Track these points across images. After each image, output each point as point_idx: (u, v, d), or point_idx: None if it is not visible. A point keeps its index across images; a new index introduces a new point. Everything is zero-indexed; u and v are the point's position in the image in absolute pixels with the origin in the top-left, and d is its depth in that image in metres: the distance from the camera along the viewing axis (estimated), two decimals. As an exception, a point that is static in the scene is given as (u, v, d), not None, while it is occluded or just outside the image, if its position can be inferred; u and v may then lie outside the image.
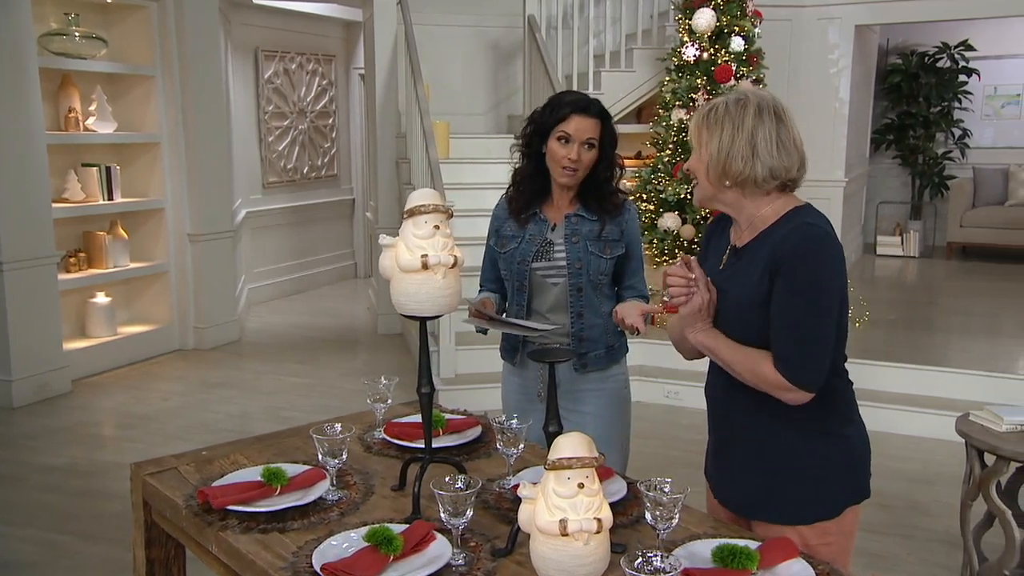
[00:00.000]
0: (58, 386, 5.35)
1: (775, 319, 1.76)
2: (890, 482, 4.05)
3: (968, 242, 9.31)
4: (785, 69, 7.33)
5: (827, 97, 7.57)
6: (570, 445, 1.56)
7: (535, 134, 2.48)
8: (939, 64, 9.78)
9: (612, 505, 1.90)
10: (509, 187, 2.61)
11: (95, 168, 5.89)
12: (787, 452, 1.86)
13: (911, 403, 4.82)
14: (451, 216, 1.87)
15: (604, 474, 2.05)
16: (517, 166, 2.59)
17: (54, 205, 5.54)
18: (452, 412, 2.52)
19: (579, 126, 2.39)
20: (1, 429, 4.75)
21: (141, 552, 2.10)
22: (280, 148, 8.61)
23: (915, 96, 9.85)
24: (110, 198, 5.97)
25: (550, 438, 1.80)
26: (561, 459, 1.55)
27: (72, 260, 5.81)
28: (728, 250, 1.92)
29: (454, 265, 1.82)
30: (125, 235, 6.14)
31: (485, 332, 2.71)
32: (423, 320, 1.87)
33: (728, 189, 1.83)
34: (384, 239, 1.85)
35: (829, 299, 1.75)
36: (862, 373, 4.94)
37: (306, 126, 8.94)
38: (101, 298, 6.03)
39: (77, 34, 5.66)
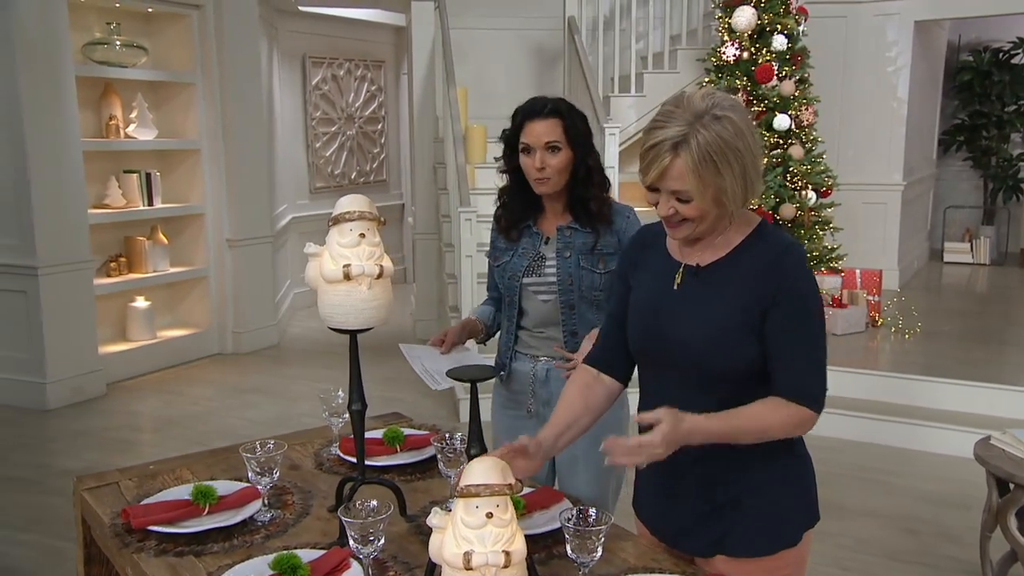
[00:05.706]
0: (92, 389, 5.44)
1: (784, 346, 1.61)
2: (921, 506, 3.80)
3: (1044, 249, 8.82)
4: (839, 67, 7.04)
5: (884, 96, 7.24)
6: (481, 471, 1.44)
7: (508, 150, 2.38)
8: (1014, 60, 9.28)
9: (551, 533, 1.78)
10: (497, 207, 2.51)
11: (136, 174, 5.99)
12: (751, 480, 1.70)
13: (953, 420, 4.47)
14: (382, 224, 1.77)
15: (552, 498, 1.93)
16: (501, 185, 2.48)
17: (96, 211, 5.66)
18: (420, 427, 2.42)
19: (535, 131, 2.27)
20: (31, 431, 4.84)
21: (82, 568, 2.05)
22: (327, 154, 8.65)
23: (987, 95, 9.37)
24: (150, 204, 6.06)
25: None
26: (469, 486, 1.43)
27: (113, 265, 5.90)
28: (682, 269, 1.72)
29: (380, 275, 1.72)
30: (165, 240, 6.23)
31: (484, 343, 2.62)
32: (352, 334, 1.78)
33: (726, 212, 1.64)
34: (310, 247, 1.76)
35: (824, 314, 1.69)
36: (901, 388, 4.67)
37: (354, 132, 8.97)
38: (141, 302, 6.12)
39: (118, 43, 5.76)
